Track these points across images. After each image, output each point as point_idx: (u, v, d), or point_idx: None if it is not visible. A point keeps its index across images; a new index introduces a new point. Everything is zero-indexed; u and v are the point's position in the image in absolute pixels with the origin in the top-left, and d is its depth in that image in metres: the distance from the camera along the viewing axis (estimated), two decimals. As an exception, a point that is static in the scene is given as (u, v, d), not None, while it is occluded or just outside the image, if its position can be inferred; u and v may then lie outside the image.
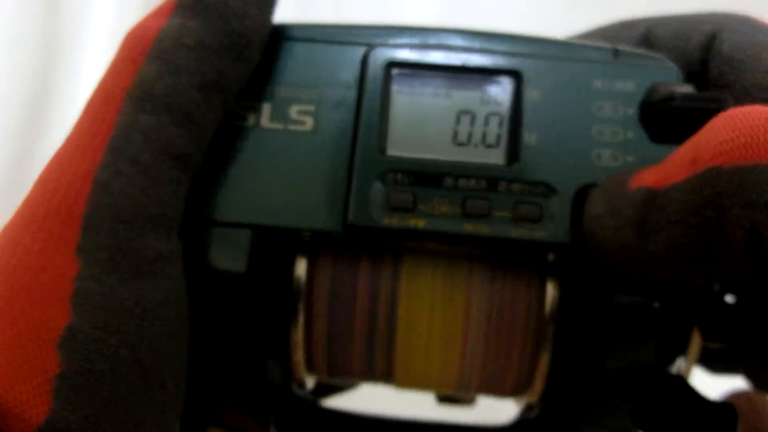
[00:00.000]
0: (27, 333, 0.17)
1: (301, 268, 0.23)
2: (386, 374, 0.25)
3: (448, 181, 0.22)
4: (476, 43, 0.24)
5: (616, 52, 0.24)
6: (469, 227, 0.22)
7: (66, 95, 0.64)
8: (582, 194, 0.22)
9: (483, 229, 0.21)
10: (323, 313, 0.24)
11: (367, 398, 0.32)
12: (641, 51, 0.24)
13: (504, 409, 0.28)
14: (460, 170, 0.22)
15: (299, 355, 0.24)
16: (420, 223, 0.22)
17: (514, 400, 0.26)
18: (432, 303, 0.24)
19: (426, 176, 0.22)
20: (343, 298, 0.24)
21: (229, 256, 0.22)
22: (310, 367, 0.25)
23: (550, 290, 0.23)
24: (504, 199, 0.22)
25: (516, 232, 0.21)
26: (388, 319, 0.24)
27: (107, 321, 0.18)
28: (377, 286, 0.24)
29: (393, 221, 0.22)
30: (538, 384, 0.24)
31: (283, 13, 0.24)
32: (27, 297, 0.18)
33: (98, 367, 0.18)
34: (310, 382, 0.26)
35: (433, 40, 0.24)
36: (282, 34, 0.24)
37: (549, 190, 0.22)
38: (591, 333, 0.22)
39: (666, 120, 0.22)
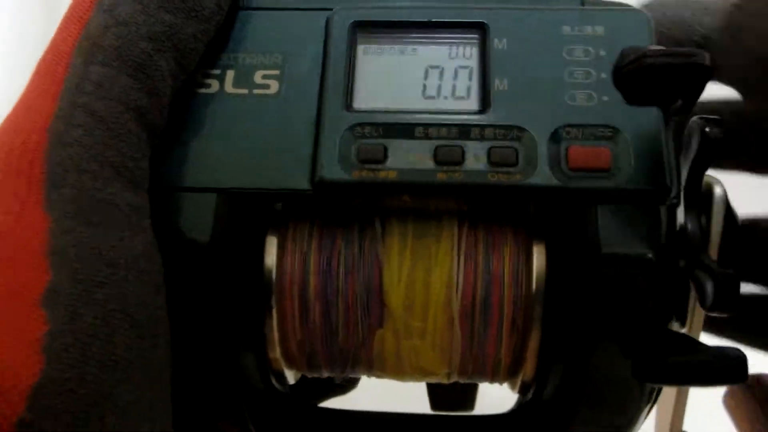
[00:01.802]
0: (7, 295, 0.17)
1: (270, 258, 0.23)
2: (370, 364, 0.24)
3: (419, 131, 0.21)
4: (440, 2, 0.24)
5: (582, 2, 0.24)
6: (442, 176, 0.21)
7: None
8: (557, 136, 0.21)
9: (457, 176, 0.21)
10: (297, 305, 0.23)
11: (361, 396, 0.31)
12: (609, 1, 0.24)
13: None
14: (430, 119, 0.21)
15: (276, 352, 0.23)
16: (391, 174, 0.21)
17: (509, 385, 0.25)
18: (413, 283, 0.22)
19: (395, 127, 0.21)
20: (316, 285, 0.23)
21: (193, 223, 0.21)
22: (289, 362, 0.24)
23: (537, 255, 0.22)
24: (477, 146, 0.21)
25: (492, 177, 0.21)
26: (367, 303, 0.22)
27: (89, 274, 0.17)
28: (352, 266, 0.23)
29: (363, 174, 0.21)
30: (531, 360, 0.23)
31: None
32: (1, 260, 0.17)
33: (87, 321, 0.17)
34: (290, 377, 0.25)
35: (396, 2, 0.24)
36: (245, 6, 0.24)
37: (523, 133, 0.21)
38: (582, 295, 0.21)
39: (641, 79, 0.21)
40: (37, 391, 0.16)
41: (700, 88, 0.21)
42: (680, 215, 0.22)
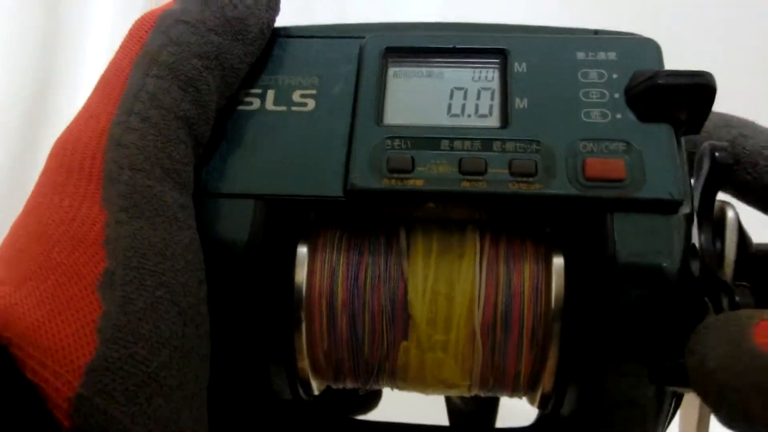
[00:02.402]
0: (66, 281, 0.18)
1: (300, 269, 0.24)
2: (393, 376, 0.25)
3: (445, 144, 0.23)
4: (464, 31, 0.26)
5: (596, 32, 0.25)
6: (466, 184, 0.22)
7: (66, 95, 0.64)
8: (573, 149, 0.22)
9: (480, 185, 0.22)
10: (325, 316, 0.24)
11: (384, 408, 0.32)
12: (621, 32, 0.25)
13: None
14: (455, 134, 0.23)
15: (304, 362, 0.24)
16: (418, 183, 0.22)
17: (528, 399, 0.26)
18: (436, 296, 0.23)
19: (423, 140, 0.23)
20: (344, 298, 0.23)
21: (231, 227, 0.22)
22: (316, 372, 0.25)
23: (556, 269, 0.23)
24: (499, 158, 0.22)
25: (513, 186, 0.22)
26: (392, 316, 0.23)
27: (141, 263, 0.19)
28: (378, 280, 0.23)
29: (392, 182, 0.22)
30: (550, 372, 0.23)
31: (287, 21, 0.26)
32: (62, 249, 0.19)
33: (138, 305, 0.18)
34: (316, 388, 0.26)
35: (423, 32, 0.26)
36: (284, 34, 0.26)
37: (542, 146, 0.22)
38: (600, 306, 0.22)
39: (651, 98, 0.23)
40: (92, 369, 0.17)
41: (707, 107, 0.23)
42: (695, 237, 0.22)
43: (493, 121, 0.23)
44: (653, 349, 0.21)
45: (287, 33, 0.26)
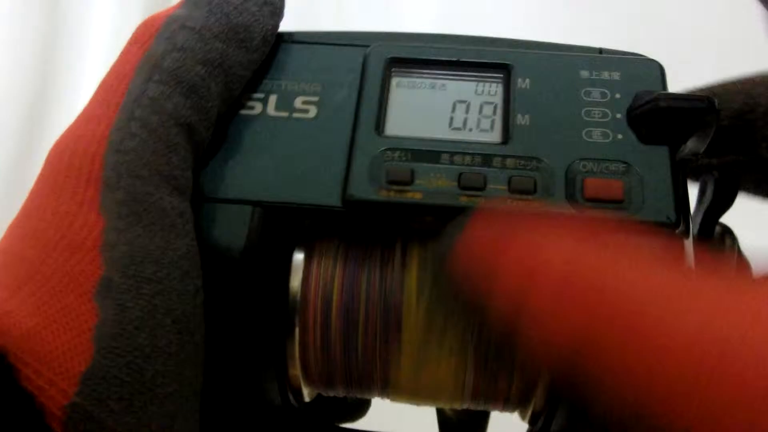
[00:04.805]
0: (62, 288, 0.18)
1: (296, 277, 0.23)
2: (384, 385, 0.24)
3: (445, 158, 0.23)
4: (468, 44, 0.26)
5: (600, 51, 0.25)
6: (464, 199, 0.22)
7: (66, 95, 0.64)
8: (573, 168, 0.22)
9: (478, 201, 0.22)
10: (319, 325, 0.23)
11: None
12: (624, 51, 0.25)
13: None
14: (456, 148, 0.23)
15: (296, 368, 0.24)
16: (416, 196, 0.22)
17: (520, 414, 0.25)
18: (431, 309, 0.23)
19: (423, 153, 0.23)
20: (338, 307, 0.23)
21: (228, 232, 0.22)
22: (307, 379, 0.25)
23: None
24: (499, 174, 0.22)
25: (512, 203, 0.22)
26: (386, 327, 0.23)
27: (137, 271, 0.19)
28: (374, 291, 0.23)
29: (391, 194, 0.22)
30: (542, 388, 0.23)
31: (284, 26, 0.26)
32: (59, 254, 0.19)
33: (134, 314, 0.18)
34: (307, 395, 0.26)
35: (428, 43, 0.26)
36: (288, 39, 0.26)
37: (542, 164, 0.23)
38: None
39: (652, 120, 0.23)
40: (87, 377, 0.17)
41: (708, 130, 0.23)
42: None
43: (495, 137, 0.23)
44: None
45: (292, 38, 0.26)
